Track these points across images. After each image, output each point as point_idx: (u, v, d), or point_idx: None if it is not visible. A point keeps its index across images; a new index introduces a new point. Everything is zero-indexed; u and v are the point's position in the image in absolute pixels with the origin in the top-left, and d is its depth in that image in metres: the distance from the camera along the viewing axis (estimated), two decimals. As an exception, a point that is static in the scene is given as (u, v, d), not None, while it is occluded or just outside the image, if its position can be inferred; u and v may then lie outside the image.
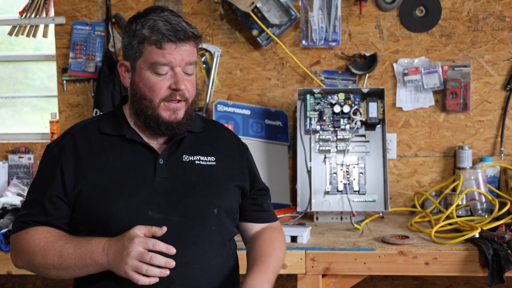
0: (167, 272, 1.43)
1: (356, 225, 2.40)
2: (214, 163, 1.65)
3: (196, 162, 1.63)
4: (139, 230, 1.44)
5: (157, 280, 1.43)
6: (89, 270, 1.48)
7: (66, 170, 1.55)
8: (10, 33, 2.94)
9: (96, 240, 1.48)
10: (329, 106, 2.65)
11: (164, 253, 1.43)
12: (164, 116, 1.56)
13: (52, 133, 2.95)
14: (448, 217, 2.41)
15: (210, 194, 1.61)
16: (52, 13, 2.93)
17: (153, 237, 1.45)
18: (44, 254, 1.50)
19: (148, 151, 1.60)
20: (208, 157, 1.65)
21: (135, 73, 1.57)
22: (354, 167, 2.61)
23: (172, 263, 1.43)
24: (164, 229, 1.46)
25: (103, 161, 1.57)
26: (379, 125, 2.64)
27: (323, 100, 2.65)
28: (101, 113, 2.76)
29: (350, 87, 2.77)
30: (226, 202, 1.64)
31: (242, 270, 1.68)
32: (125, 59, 1.60)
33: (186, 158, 1.62)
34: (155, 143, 1.62)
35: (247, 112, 2.76)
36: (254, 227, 1.76)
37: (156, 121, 1.56)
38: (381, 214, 2.61)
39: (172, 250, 1.44)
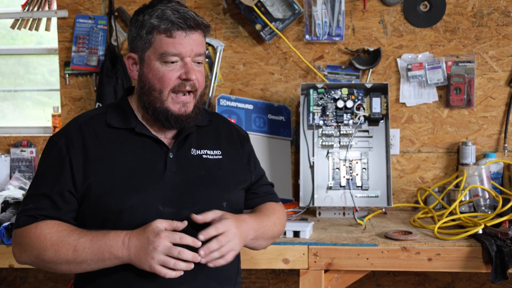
0: (192, 265, 1.43)
1: (359, 221, 2.40)
2: (220, 156, 1.65)
3: (204, 156, 1.63)
4: (161, 224, 1.43)
5: (182, 273, 1.42)
6: (106, 264, 1.46)
7: (75, 163, 1.51)
8: (13, 27, 2.93)
9: (114, 234, 1.45)
10: (332, 101, 2.63)
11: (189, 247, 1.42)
12: (173, 109, 1.54)
13: (54, 127, 2.95)
14: (451, 213, 2.40)
15: (219, 188, 1.61)
16: (54, 6, 2.92)
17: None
18: (57, 248, 1.45)
19: (158, 145, 1.58)
20: (214, 151, 1.65)
21: (144, 64, 1.55)
22: (357, 163, 2.60)
23: (198, 257, 1.42)
24: (185, 223, 1.47)
25: (112, 155, 1.54)
26: (382, 121, 2.63)
27: (326, 95, 2.64)
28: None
29: (353, 82, 2.76)
30: (234, 195, 1.65)
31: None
32: (132, 51, 1.58)
33: (194, 152, 1.62)
34: (163, 137, 1.61)
35: (250, 106, 2.76)
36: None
37: (165, 114, 1.54)
38: (383, 209, 2.61)
39: (197, 243, 1.43)
